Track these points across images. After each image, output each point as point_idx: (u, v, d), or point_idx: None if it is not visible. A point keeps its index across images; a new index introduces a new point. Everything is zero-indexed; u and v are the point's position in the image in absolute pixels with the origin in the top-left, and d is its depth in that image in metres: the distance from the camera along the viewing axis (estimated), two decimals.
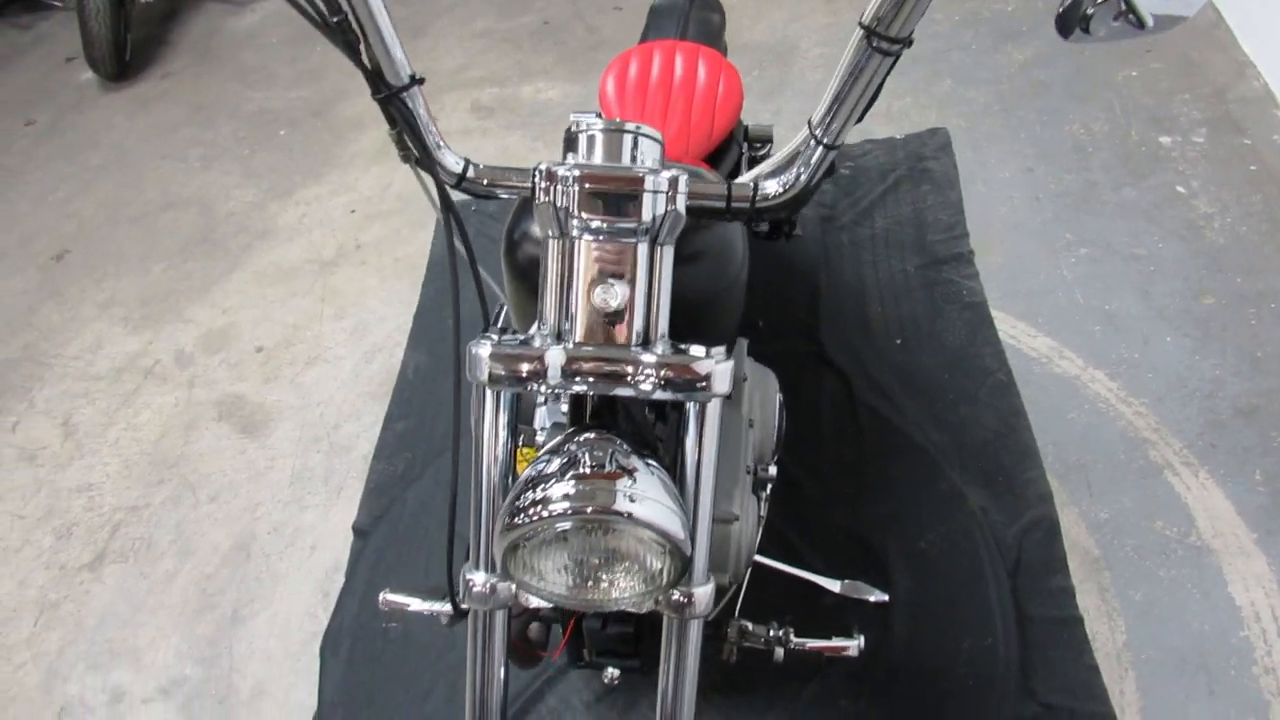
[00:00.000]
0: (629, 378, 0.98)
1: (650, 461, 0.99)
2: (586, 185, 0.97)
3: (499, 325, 1.04)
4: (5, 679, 2.33)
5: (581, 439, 1.01)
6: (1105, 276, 2.50)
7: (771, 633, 1.61)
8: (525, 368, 0.98)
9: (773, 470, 1.77)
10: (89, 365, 3.10)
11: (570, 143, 1.04)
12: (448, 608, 1.59)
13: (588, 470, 0.94)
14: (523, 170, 1.09)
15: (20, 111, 4.42)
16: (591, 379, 0.98)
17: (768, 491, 1.81)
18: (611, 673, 1.57)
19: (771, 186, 1.06)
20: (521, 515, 0.91)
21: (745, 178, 1.12)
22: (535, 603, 1.06)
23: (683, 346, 1.01)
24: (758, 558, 1.92)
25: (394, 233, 3.30)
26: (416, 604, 1.60)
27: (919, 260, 2.66)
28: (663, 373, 0.97)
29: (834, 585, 1.96)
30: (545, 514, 0.90)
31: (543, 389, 0.99)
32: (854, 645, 1.62)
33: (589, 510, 0.90)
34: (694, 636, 1.08)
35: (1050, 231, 2.65)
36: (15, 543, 2.62)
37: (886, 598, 1.96)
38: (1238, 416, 2.16)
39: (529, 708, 1.92)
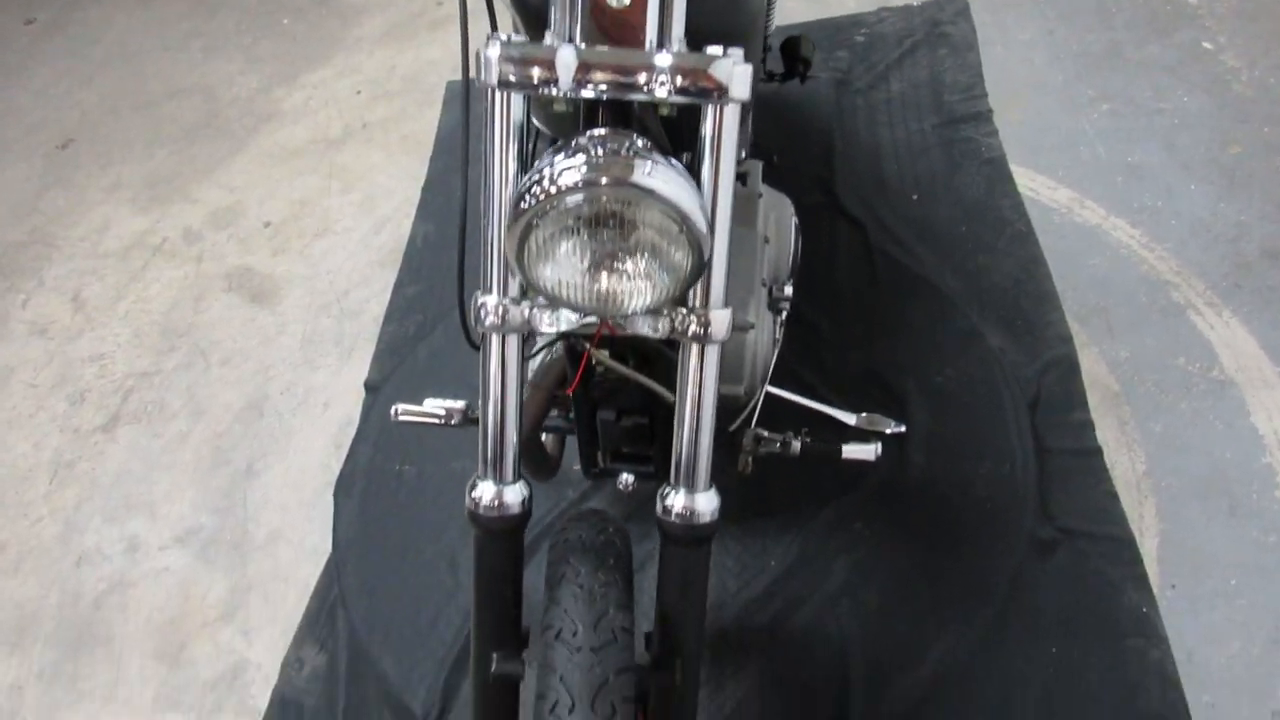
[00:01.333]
0: (644, 82, 0.94)
1: (670, 158, 0.95)
2: None
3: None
4: (24, 533, 2.34)
5: (594, 134, 0.97)
6: (1128, 131, 2.45)
7: (786, 437, 1.59)
8: (536, 71, 0.94)
9: (788, 291, 1.75)
10: (97, 245, 3.08)
11: None
12: (461, 404, 1.58)
13: (601, 154, 0.91)
14: None
15: (19, 11, 4.35)
16: (605, 84, 0.94)
17: (784, 316, 1.79)
18: (626, 479, 1.56)
19: None
20: (529, 196, 0.88)
21: None
22: (547, 327, 1.03)
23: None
24: (774, 389, 1.90)
25: (400, 111, 3.25)
26: (429, 406, 1.58)
27: (936, 120, 2.61)
28: (678, 78, 0.94)
29: (850, 418, 1.95)
30: (555, 189, 0.87)
31: (554, 93, 0.95)
32: (871, 449, 1.60)
33: (603, 181, 0.87)
34: (712, 367, 1.05)
35: (1072, 89, 2.60)
36: (29, 409, 2.62)
37: (904, 428, 1.95)
38: (1264, 258, 2.12)
39: (543, 540, 1.91)
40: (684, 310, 1.02)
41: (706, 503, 1.09)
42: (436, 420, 1.63)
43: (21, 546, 2.32)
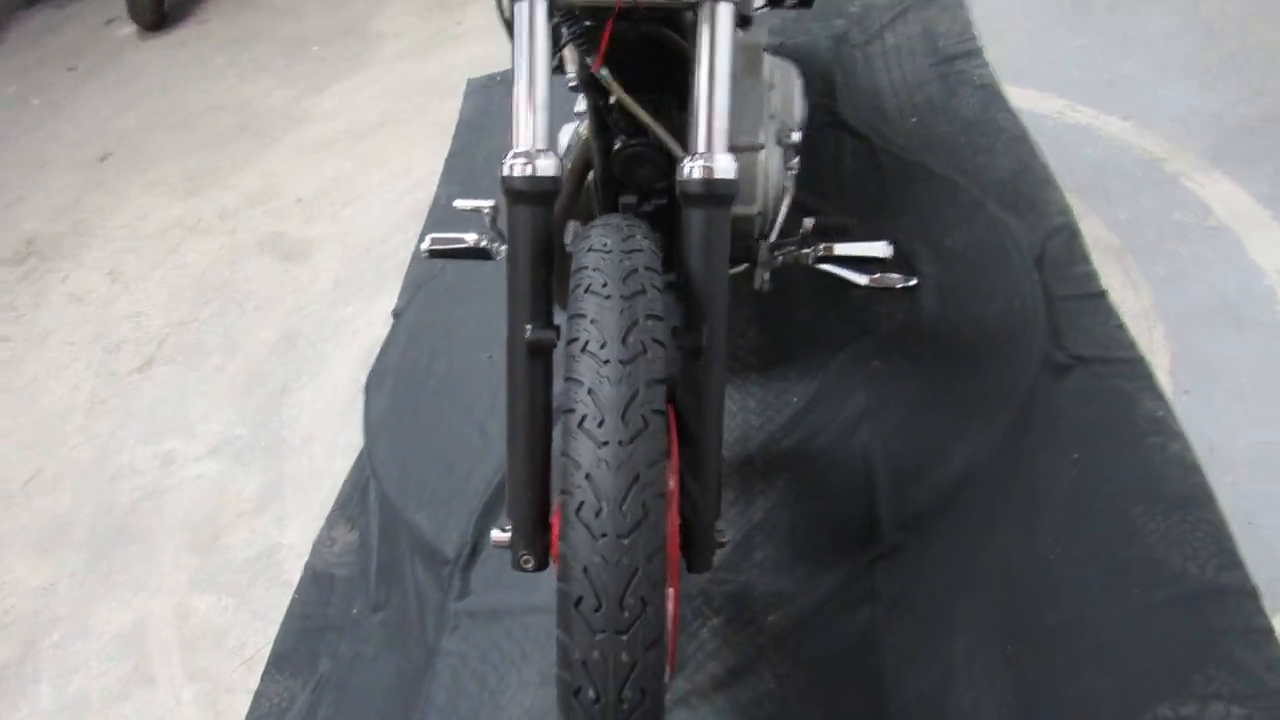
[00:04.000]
0: None
1: None
2: None
3: None
4: (60, 458, 2.40)
5: None
6: (1110, 52, 2.59)
7: (803, 235, 1.66)
8: None
9: (796, 138, 1.84)
10: (135, 230, 3.22)
11: None
12: (489, 203, 1.66)
13: None
14: None
15: (61, 62, 4.62)
16: None
17: (795, 167, 1.88)
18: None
19: None
20: None
21: None
22: None
23: None
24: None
25: (424, 105, 3.43)
26: (460, 207, 1.66)
27: (930, 60, 2.75)
28: None
29: (862, 279, 2.03)
30: None
31: None
32: (882, 245, 1.67)
33: None
34: (725, 29, 1.15)
35: (1056, 26, 2.75)
36: (65, 361, 2.72)
37: (915, 281, 2.03)
38: (1246, 132, 2.22)
39: None
40: None
41: (725, 162, 1.17)
42: (465, 244, 1.71)
43: (57, 469, 2.38)
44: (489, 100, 3.28)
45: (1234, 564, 1.49)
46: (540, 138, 1.17)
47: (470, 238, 1.72)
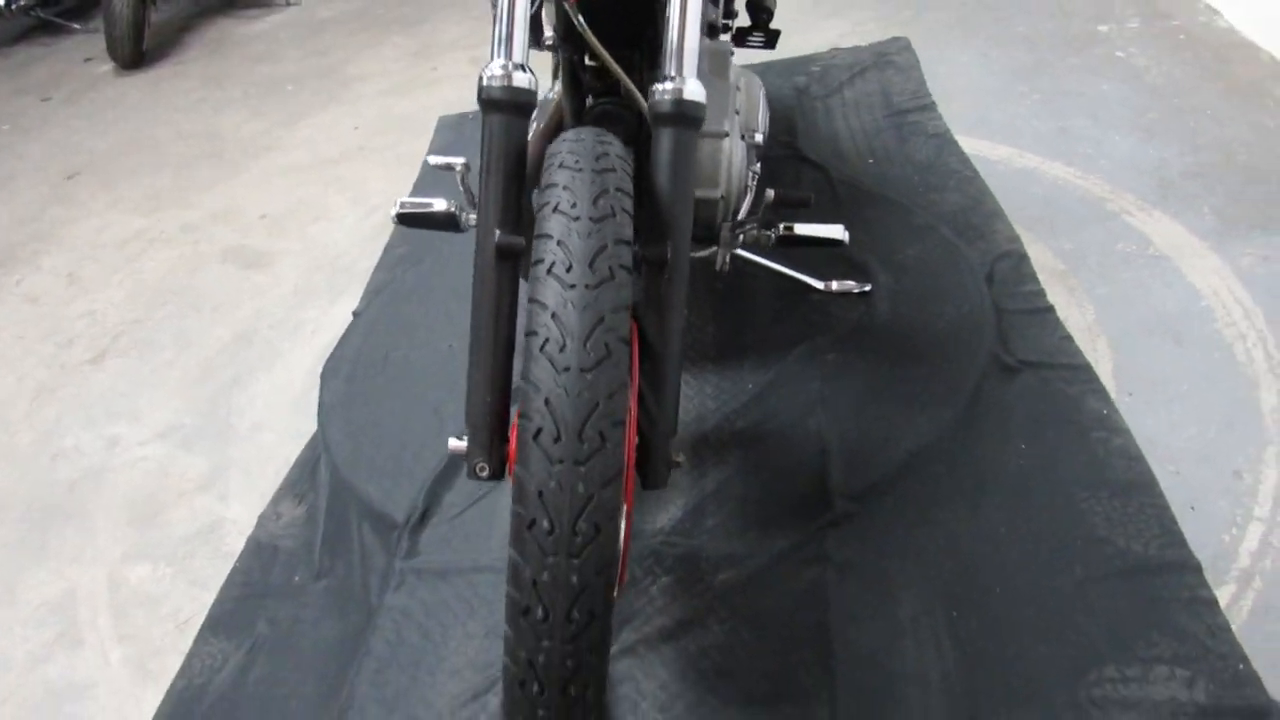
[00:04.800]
0: None
1: None
2: None
3: None
4: (1, 443, 2.34)
5: None
6: (1058, 109, 2.74)
7: (762, 216, 1.72)
8: None
9: (759, 139, 1.93)
10: (95, 240, 3.21)
11: None
12: (460, 160, 1.69)
13: None
14: None
15: (36, 93, 4.66)
16: None
17: (757, 165, 1.96)
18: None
19: None
20: None
21: None
22: None
23: None
24: (745, 254, 2.06)
25: (396, 139, 3.50)
26: (432, 162, 1.69)
27: (886, 112, 2.89)
28: None
29: (819, 284, 2.10)
30: None
31: None
32: (839, 229, 1.73)
33: None
34: None
35: (1006, 88, 2.91)
36: (15, 353, 2.67)
37: (869, 287, 2.09)
38: (1184, 177, 2.35)
39: None
40: None
41: (695, 85, 1.23)
42: (434, 210, 1.73)
43: None
44: (459, 136, 3.36)
45: (1177, 542, 1.53)
46: (518, 54, 1.22)
47: (440, 204, 1.74)
